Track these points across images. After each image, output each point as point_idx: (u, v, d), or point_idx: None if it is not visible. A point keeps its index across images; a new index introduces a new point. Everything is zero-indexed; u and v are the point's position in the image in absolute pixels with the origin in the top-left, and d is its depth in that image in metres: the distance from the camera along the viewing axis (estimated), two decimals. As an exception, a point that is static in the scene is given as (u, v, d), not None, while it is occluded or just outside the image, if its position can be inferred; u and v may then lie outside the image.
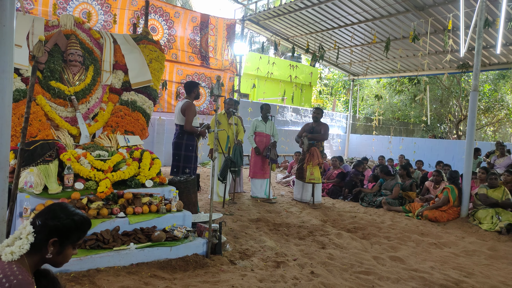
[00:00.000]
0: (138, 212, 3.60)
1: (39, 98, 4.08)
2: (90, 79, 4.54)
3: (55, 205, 1.64)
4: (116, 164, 3.87)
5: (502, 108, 18.44)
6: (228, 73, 7.96)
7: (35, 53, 2.86)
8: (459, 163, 9.61)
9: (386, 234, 5.00)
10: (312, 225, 5.14)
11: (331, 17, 9.39)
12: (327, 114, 16.19)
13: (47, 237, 1.53)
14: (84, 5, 5.71)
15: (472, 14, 6.90)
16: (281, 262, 3.55)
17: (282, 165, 11.92)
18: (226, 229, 4.51)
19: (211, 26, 7.44)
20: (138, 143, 4.53)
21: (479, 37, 6.11)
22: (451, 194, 6.06)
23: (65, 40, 4.44)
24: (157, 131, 10.45)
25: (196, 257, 3.45)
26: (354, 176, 7.88)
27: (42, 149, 3.55)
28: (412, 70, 11.70)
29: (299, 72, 16.46)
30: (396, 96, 18.72)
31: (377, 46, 10.36)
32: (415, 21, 8.28)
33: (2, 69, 2.52)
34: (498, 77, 17.10)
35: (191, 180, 4.57)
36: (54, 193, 3.38)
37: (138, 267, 3.14)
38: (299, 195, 7.02)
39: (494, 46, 8.37)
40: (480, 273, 3.73)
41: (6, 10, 2.52)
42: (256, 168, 6.96)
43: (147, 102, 4.86)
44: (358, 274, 3.47)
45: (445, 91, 17.26)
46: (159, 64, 5.10)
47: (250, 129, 7.06)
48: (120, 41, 4.89)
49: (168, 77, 7.05)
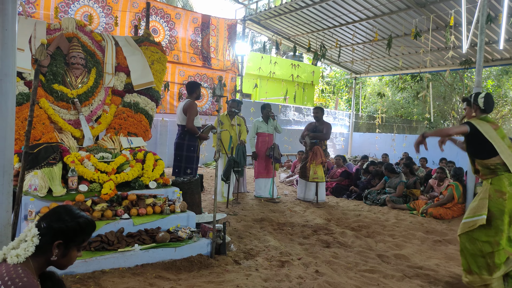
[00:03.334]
0: (142, 214, 3.61)
1: (42, 101, 4.10)
2: (93, 82, 4.55)
3: (60, 207, 1.65)
4: (119, 166, 3.88)
5: (506, 104, 18.34)
6: (230, 74, 7.96)
7: (37, 57, 2.87)
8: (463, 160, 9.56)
9: (390, 232, 4.99)
10: (316, 224, 5.14)
11: (332, 16, 9.37)
12: (330, 113, 16.15)
13: (52, 239, 1.54)
14: (86, 8, 5.73)
15: (474, 9, 6.86)
16: (285, 262, 3.55)
17: (286, 164, 11.91)
18: (230, 229, 4.51)
19: (212, 27, 7.45)
20: (141, 144, 4.55)
21: (481, 33, 6.08)
22: (456, 191, 6.04)
23: (67, 43, 4.45)
24: (160, 132, 10.47)
25: (200, 258, 3.45)
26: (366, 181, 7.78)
27: (46, 152, 3.56)
28: (414, 67, 11.65)
29: (301, 71, 16.43)
30: (398, 93, 18.66)
31: (379, 44, 10.32)
32: (417, 18, 8.24)
33: (5, 73, 2.53)
34: (501, 73, 16.99)
35: (194, 181, 4.57)
36: (59, 196, 3.39)
37: (143, 268, 3.15)
38: (302, 194, 7.01)
39: (497, 42, 8.32)
40: None
41: (8, 14, 2.53)
42: (260, 168, 6.97)
43: (149, 104, 4.87)
44: (363, 273, 3.46)
45: (448, 88, 17.18)
46: (161, 65, 5.11)
47: (252, 130, 7.06)
48: (121, 43, 4.91)
49: (170, 79, 7.06)
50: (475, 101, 3.22)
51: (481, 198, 3.09)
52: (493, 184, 3.04)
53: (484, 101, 3.16)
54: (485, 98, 3.17)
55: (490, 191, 3.03)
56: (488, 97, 3.18)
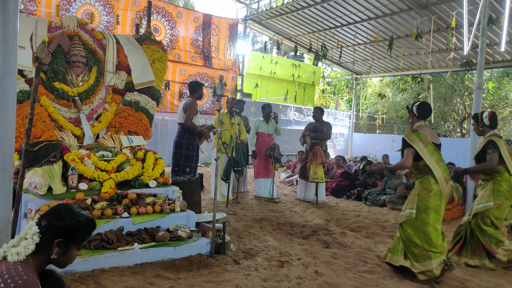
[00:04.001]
0: (142, 212, 3.61)
1: (43, 99, 4.10)
2: (94, 80, 4.55)
3: (60, 206, 1.65)
4: (119, 165, 3.88)
5: (507, 106, 18.32)
6: (230, 73, 7.96)
7: (38, 55, 2.87)
8: (463, 162, 9.56)
9: (390, 233, 4.98)
10: (315, 224, 5.14)
11: (334, 16, 9.37)
12: (330, 113, 16.15)
13: (52, 237, 1.54)
14: (87, 6, 5.73)
15: (475, 11, 6.86)
16: (285, 262, 3.55)
17: (286, 164, 11.91)
18: (230, 229, 4.51)
19: (214, 26, 7.45)
20: (141, 143, 4.55)
21: (482, 35, 6.08)
22: (456, 192, 6.04)
23: (68, 41, 4.45)
24: (160, 131, 10.47)
25: (200, 257, 3.45)
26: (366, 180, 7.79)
27: (46, 150, 3.57)
28: (415, 69, 11.65)
29: (302, 71, 16.43)
30: (399, 94, 18.65)
31: (380, 45, 10.32)
32: (418, 19, 8.24)
33: (6, 71, 2.53)
34: (502, 75, 16.98)
35: (194, 180, 4.58)
36: (59, 194, 3.39)
37: (143, 267, 3.14)
38: (302, 195, 7.01)
39: (498, 44, 8.31)
40: (485, 272, 3.71)
41: (9, 12, 2.52)
42: (260, 167, 6.97)
43: (150, 103, 4.87)
44: (362, 273, 3.46)
45: (448, 89, 17.17)
46: (162, 64, 5.11)
47: (252, 130, 7.08)
48: (123, 41, 4.91)
49: (171, 77, 7.06)
50: (411, 109, 3.62)
51: (411, 195, 3.52)
52: (421, 183, 3.44)
53: (417, 109, 3.55)
54: (419, 107, 3.56)
55: (419, 189, 3.44)
56: (422, 105, 3.56)
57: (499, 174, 3.88)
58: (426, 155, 3.37)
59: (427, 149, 3.39)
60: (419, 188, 3.44)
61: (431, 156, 3.38)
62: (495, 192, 3.86)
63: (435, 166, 3.37)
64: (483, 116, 3.99)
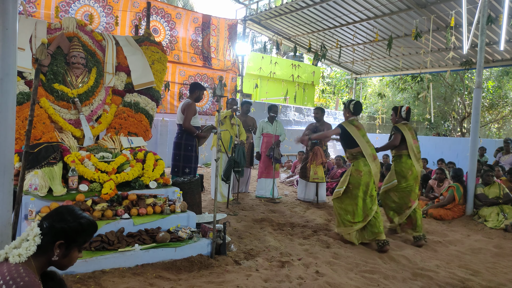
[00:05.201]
0: (142, 213, 3.61)
1: (42, 100, 4.10)
2: (93, 81, 4.55)
3: (62, 208, 1.64)
4: (120, 166, 3.88)
5: (506, 104, 18.33)
6: (230, 74, 7.95)
7: (38, 56, 2.87)
8: (463, 161, 9.55)
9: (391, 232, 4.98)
10: (316, 224, 5.13)
11: (333, 16, 9.36)
12: (330, 113, 16.15)
13: (54, 239, 1.54)
14: (86, 8, 5.73)
15: (474, 10, 6.86)
16: (286, 262, 3.55)
17: (286, 164, 11.90)
18: (230, 230, 4.51)
19: (213, 27, 7.45)
20: (141, 144, 4.55)
21: (482, 34, 6.08)
22: (457, 192, 6.03)
23: (68, 43, 4.45)
24: (160, 132, 10.47)
25: (200, 258, 3.45)
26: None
27: (46, 151, 3.56)
28: (415, 68, 11.65)
29: (301, 72, 16.41)
30: (399, 94, 18.64)
31: (379, 44, 10.32)
32: (417, 19, 8.24)
33: (5, 72, 2.53)
34: (502, 74, 16.98)
35: (195, 181, 4.57)
36: (59, 195, 3.39)
37: (143, 268, 3.14)
38: (302, 195, 7.01)
39: (498, 43, 8.31)
40: (486, 271, 3.71)
41: (8, 14, 2.53)
42: (262, 168, 7.02)
43: (150, 104, 4.87)
44: (363, 273, 3.46)
45: (448, 89, 17.17)
46: (161, 65, 5.11)
47: (258, 130, 7.14)
48: (122, 43, 4.91)
49: (171, 78, 7.05)
50: (348, 106, 4.47)
51: (345, 175, 4.42)
52: (354, 166, 4.35)
53: (353, 106, 4.44)
54: (354, 105, 4.44)
55: (352, 170, 4.34)
56: (356, 104, 4.45)
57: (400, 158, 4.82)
58: (358, 136, 4.30)
59: (360, 132, 4.34)
60: (352, 170, 4.33)
61: (363, 138, 4.33)
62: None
63: (365, 145, 4.30)
64: (402, 110, 4.86)
